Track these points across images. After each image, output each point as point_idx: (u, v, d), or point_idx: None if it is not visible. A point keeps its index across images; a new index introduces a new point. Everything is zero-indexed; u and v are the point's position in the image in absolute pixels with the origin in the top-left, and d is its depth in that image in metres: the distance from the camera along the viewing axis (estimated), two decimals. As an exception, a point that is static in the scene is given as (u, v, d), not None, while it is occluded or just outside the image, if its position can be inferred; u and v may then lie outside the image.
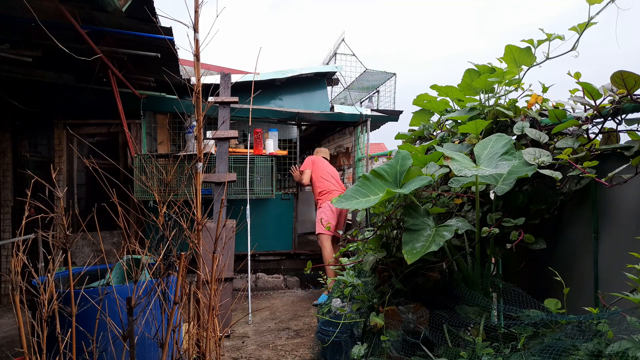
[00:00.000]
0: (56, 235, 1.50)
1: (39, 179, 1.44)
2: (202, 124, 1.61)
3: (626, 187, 1.72)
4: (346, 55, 6.99)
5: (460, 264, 2.12)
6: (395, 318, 2.17)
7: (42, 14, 2.91)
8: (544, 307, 1.75)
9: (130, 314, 1.40)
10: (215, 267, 1.64)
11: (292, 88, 6.23)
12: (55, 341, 1.39)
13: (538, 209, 2.05)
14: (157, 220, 1.55)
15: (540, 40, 2.20)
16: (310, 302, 4.72)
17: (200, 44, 1.58)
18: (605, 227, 1.87)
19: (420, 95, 2.83)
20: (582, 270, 1.96)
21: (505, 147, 1.98)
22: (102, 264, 2.69)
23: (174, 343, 1.55)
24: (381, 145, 15.69)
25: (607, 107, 1.84)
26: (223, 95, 4.37)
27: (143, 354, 2.18)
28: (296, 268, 5.64)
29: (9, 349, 3.35)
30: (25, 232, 1.49)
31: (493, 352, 1.74)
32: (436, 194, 2.43)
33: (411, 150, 2.37)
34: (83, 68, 3.95)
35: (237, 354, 3.22)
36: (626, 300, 1.48)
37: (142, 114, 5.29)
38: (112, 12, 3.12)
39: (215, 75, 5.64)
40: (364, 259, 2.53)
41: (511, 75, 2.35)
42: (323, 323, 2.78)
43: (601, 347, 1.48)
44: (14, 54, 3.61)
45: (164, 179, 1.62)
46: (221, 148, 4.27)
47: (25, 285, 1.34)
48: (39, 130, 5.26)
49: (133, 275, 1.43)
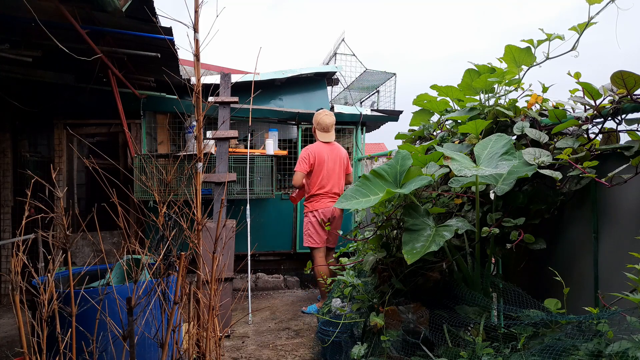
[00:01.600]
0: (56, 235, 1.50)
1: (39, 179, 1.44)
2: (202, 124, 1.61)
3: (626, 187, 1.72)
4: (346, 55, 6.99)
5: (460, 264, 2.12)
6: (395, 318, 2.17)
7: (42, 14, 2.91)
8: (544, 307, 1.75)
9: (130, 314, 1.40)
10: (215, 267, 1.64)
11: (292, 88, 6.23)
12: (55, 341, 1.39)
13: (538, 209, 2.05)
14: (157, 220, 1.55)
15: (540, 40, 2.20)
16: (311, 302, 4.72)
17: (200, 44, 1.58)
18: (605, 227, 1.87)
19: (420, 95, 2.83)
20: (582, 270, 1.96)
21: (505, 147, 1.98)
22: (102, 264, 2.69)
23: (174, 343, 1.55)
24: (381, 145, 15.68)
25: (607, 107, 1.84)
26: (223, 95, 4.37)
27: (143, 354, 2.18)
28: (296, 268, 5.64)
29: (9, 349, 3.34)
30: (25, 232, 1.49)
31: (493, 352, 1.74)
32: (436, 194, 2.43)
33: (411, 150, 2.37)
34: (83, 68, 3.94)
35: (237, 354, 3.22)
36: (626, 300, 1.48)
37: (142, 114, 5.29)
38: (112, 12, 3.12)
39: (215, 75, 5.63)
40: (364, 259, 2.53)
41: (511, 75, 2.35)
42: (323, 323, 2.78)
43: (601, 347, 1.48)
44: (14, 54, 3.61)
45: (164, 179, 1.62)
46: (221, 148, 4.27)
47: (25, 285, 1.34)
48: (39, 130, 5.26)
49: (133, 275, 1.43)
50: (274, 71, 5.88)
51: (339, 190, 4.32)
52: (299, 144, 5.71)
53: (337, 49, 7.03)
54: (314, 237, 4.22)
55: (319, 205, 4.23)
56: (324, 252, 4.24)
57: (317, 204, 4.24)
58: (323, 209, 4.22)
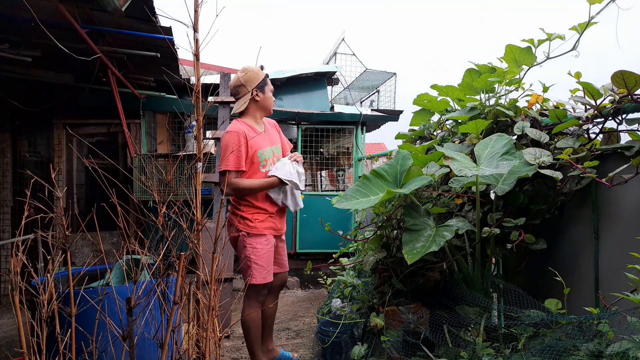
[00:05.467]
0: (56, 235, 1.50)
1: (38, 179, 1.43)
2: (201, 124, 1.61)
3: (627, 187, 1.72)
4: (346, 54, 6.99)
5: (460, 264, 2.11)
6: (396, 318, 2.16)
7: (41, 13, 2.91)
8: (544, 307, 1.75)
9: (130, 314, 1.40)
10: (215, 267, 1.64)
11: (292, 88, 6.23)
12: (55, 341, 1.38)
13: (539, 209, 2.05)
14: (157, 221, 1.54)
15: (541, 40, 2.20)
16: (311, 303, 4.71)
17: (200, 43, 1.57)
18: (605, 227, 1.86)
19: (421, 95, 2.82)
20: (583, 271, 1.96)
21: (506, 147, 1.98)
22: (102, 264, 2.68)
23: (174, 343, 1.54)
24: (381, 145, 15.68)
25: (607, 107, 1.84)
26: (223, 95, 4.36)
27: (143, 355, 2.18)
28: (296, 268, 5.63)
29: (8, 349, 3.34)
30: (24, 232, 1.49)
31: (493, 353, 1.74)
32: (436, 194, 2.42)
33: (411, 150, 2.36)
34: (83, 68, 3.94)
35: (237, 354, 3.21)
36: (626, 301, 1.48)
37: (141, 114, 5.29)
38: (112, 12, 3.12)
39: (215, 75, 5.63)
40: (364, 259, 2.53)
41: (512, 75, 2.35)
42: (323, 323, 2.77)
43: (602, 347, 1.47)
44: (13, 54, 3.61)
45: (164, 179, 1.62)
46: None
47: (25, 286, 1.34)
48: (38, 130, 5.26)
49: (133, 276, 1.43)
50: (274, 71, 5.88)
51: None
52: (298, 143, 5.71)
53: (337, 49, 7.03)
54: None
55: (269, 222, 2.82)
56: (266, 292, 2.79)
57: (271, 220, 2.86)
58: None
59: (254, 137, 2.60)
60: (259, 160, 2.62)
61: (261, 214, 2.63)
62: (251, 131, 2.61)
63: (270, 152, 2.70)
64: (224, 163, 2.52)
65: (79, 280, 2.39)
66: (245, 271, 2.59)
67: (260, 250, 2.58)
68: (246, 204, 2.61)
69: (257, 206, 2.62)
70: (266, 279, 2.60)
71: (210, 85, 5.35)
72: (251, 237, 2.58)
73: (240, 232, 2.59)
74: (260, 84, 2.65)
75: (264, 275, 2.58)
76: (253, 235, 2.58)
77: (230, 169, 2.51)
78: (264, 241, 2.61)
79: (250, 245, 2.57)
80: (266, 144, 2.69)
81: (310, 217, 5.57)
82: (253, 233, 2.58)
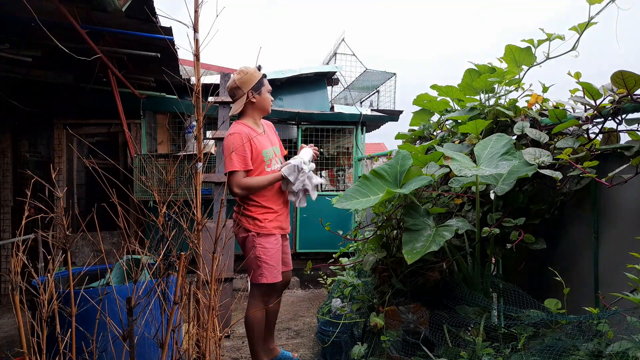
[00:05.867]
0: (56, 235, 1.50)
1: (38, 179, 1.43)
2: (202, 124, 1.61)
3: (626, 187, 1.72)
4: (346, 55, 6.99)
5: (460, 264, 2.12)
6: (396, 318, 2.16)
7: (42, 13, 2.91)
8: (544, 307, 1.75)
9: (130, 314, 1.40)
10: (215, 267, 1.64)
11: (292, 88, 6.23)
12: (55, 341, 1.38)
13: (538, 209, 2.05)
14: (157, 220, 1.55)
15: (541, 40, 2.20)
16: (311, 302, 4.71)
17: (200, 43, 1.58)
18: (605, 227, 1.87)
19: (421, 95, 2.82)
20: (583, 270, 1.96)
21: (506, 147, 1.98)
22: (102, 264, 2.69)
23: (174, 343, 1.54)
24: (381, 145, 15.69)
25: (607, 107, 1.84)
26: (223, 95, 4.36)
27: (143, 354, 2.18)
28: (296, 268, 5.60)
29: (9, 349, 3.34)
30: (25, 232, 1.49)
31: (493, 352, 1.74)
32: (436, 194, 2.43)
33: (411, 150, 2.36)
34: (83, 68, 3.94)
35: (237, 354, 3.22)
36: (626, 301, 1.48)
37: (142, 114, 5.29)
38: (112, 12, 3.12)
39: (215, 75, 5.63)
40: (364, 259, 2.53)
41: (511, 75, 2.35)
42: (323, 323, 2.78)
43: (601, 347, 1.48)
44: (13, 54, 3.61)
45: (164, 179, 1.62)
46: (221, 148, 4.27)
47: (25, 286, 1.34)
48: (38, 130, 5.26)
49: (133, 276, 1.43)
50: (274, 71, 5.88)
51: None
52: (298, 144, 5.70)
53: (337, 49, 7.03)
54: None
55: (278, 220, 2.90)
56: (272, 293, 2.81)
57: (278, 217, 3.07)
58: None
59: (256, 136, 2.62)
60: (264, 160, 2.64)
61: (270, 214, 2.64)
62: (252, 132, 2.63)
63: (272, 152, 2.72)
64: (231, 164, 2.51)
65: (79, 280, 2.39)
66: (255, 271, 2.59)
67: (271, 250, 2.59)
68: (254, 203, 2.62)
69: (265, 205, 2.62)
70: (277, 278, 2.61)
71: (210, 85, 5.35)
72: (261, 237, 2.59)
73: (249, 232, 2.60)
74: (256, 85, 2.65)
75: (274, 274, 2.60)
76: (263, 235, 2.59)
77: (237, 169, 2.52)
78: (273, 240, 2.62)
79: (260, 245, 2.58)
80: (268, 144, 2.72)
81: (311, 217, 5.57)
82: (263, 233, 2.59)
